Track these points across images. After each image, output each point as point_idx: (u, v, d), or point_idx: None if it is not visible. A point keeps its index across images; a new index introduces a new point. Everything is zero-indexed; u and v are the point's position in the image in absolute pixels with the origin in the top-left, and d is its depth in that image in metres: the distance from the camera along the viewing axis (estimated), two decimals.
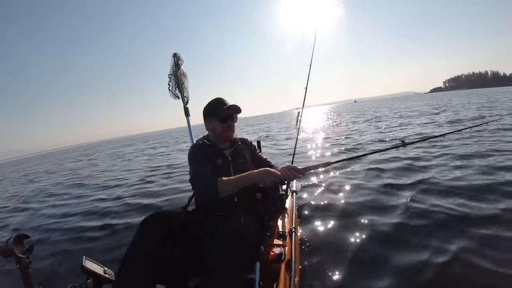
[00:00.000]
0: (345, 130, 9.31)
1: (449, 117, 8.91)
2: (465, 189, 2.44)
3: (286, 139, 9.07)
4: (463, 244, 1.64)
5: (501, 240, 1.64)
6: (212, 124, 1.41)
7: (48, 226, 3.20)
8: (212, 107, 1.41)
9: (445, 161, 3.48)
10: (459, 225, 1.86)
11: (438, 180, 2.76)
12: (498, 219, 1.88)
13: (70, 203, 4.29)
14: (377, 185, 2.85)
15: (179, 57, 2.31)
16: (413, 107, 18.00)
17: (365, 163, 3.79)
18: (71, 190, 5.49)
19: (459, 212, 2.04)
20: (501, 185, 2.41)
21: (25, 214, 4.15)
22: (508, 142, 4.10)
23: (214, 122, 1.40)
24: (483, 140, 4.46)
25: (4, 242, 1.03)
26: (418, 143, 1.31)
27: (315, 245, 1.84)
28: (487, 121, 6.31)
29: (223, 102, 1.40)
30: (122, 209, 3.33)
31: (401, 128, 7.60)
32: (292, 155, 2.67)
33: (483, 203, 2.13)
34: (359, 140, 6.37)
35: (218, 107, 1.39)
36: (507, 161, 3.10)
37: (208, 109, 1.42)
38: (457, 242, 1.67)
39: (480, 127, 5.42)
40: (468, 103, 15.17)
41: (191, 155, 1.36)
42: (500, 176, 2.64)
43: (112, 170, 7.79)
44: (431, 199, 2.34)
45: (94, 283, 1.20)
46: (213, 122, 1.40)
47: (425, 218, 2.02)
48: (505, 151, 3.56)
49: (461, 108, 11.97)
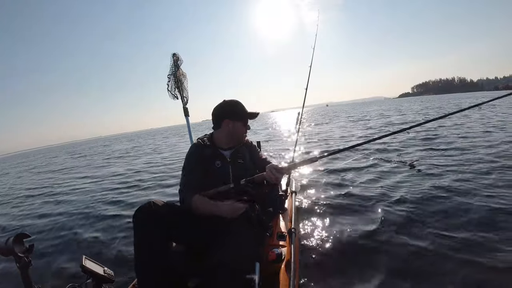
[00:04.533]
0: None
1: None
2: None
3: (266, 141, 9.02)
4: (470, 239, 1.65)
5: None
6: (235, 126, 1.42)
7: (48, 225, 3.20)
8: (238, 110, 1.43)
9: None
10: (462, 220, 1.87)
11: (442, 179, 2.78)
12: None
13: (70, 200, 4.28)
14: (377, 185, 2.86)
15: (178, 57, 2.29)
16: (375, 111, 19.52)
17: (366, 163, 3.80)
18: (71, 189, 5.48)
19: (459, 207, 2.05)
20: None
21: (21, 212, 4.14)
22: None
23: (237, 124, 1.42)
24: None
25: (3, 241, 1.03)
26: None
27: (315, 246, 1.85)
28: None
29: (244, 106, 1.45)
30: (123, 208, 3.34)
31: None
32: (292, 157, 2.69)
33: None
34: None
35: (244, 110, 1.44)
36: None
37: (231, 110, 1.42)
38: (462, 238, 1.68)
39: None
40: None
41: (186, 160, 1.40)
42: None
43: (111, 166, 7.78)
44: (434, 195, 2.35)
45: (94, 282, 1.20)
46: (237, 124, 1.42)
47: (427, 218, 2.02)
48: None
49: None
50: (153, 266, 1.04)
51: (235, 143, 1.48)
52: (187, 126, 2.37)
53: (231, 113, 1.42)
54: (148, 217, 1.07)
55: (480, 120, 7.34)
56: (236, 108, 1.43)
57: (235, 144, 1.48)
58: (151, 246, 1.05)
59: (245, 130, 1.48)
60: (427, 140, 5.20)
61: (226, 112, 1.42)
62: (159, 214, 1.09)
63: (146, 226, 1.07)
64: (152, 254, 1.05)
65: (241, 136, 1.48)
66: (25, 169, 12.99)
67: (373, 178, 3.15)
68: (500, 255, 1.51)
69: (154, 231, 1.06)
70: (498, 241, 1.64)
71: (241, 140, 1.50)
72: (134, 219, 1.09)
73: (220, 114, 1.43)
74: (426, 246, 1.68)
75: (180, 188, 1.34)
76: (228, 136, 1.44)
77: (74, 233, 2.77)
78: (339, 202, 2.55)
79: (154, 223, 1.07)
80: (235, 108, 1.43)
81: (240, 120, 1.43)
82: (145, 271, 1.05)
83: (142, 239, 1.07)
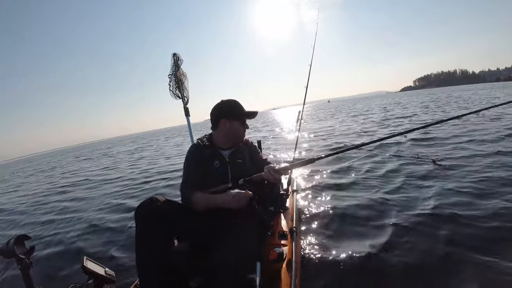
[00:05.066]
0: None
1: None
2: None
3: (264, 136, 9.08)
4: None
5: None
6: (233, 125, 1.42)
7: (48, 226, 3.21)
8: (235, 109, 1.43)
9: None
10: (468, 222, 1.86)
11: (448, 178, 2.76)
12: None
13: (70, 203, 4.29)
14: (378, 185, 2.84)
15: (178, 57, 2.30)
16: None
17: (366, 162, 3.79)
18: (71, 191, 5.50)
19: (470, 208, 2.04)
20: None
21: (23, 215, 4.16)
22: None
23: (234, 124, 1.42)
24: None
25: (5, 243, 1.03)
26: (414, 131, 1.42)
27: (316, 245, 1.84)
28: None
29: (242, 106, 1.45)
30: (124, 207, 3.35)
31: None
32: (293, 156, 2.68)
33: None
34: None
35: (242, 110, 1.44)
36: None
37: (228, 110, 1.42)
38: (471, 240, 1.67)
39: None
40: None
41: (186, 160, 1.42)
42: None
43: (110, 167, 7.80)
44: (439, 196, 2.34)
45: (95, 283, 1.20)
46: (234, 123, 1.42)
47: (429, 217, 2.00)
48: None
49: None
50: (155, 263, 1.03)
51: (233, 142, 1.47)
52: (188, 125, 2.38)
53: (228, 113, 1.42)
54: (150, 213, 1.07)
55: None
56: (233, 107, 1.43)
57: (234, 144, 1.48)
58: (153, 242, 1.05)
59: (243, 130, 1.47)
60: (426, 139, 5.18)
61: (223, 112, 1.42)
62: (161, 210, 1.09)
63: (148, 221, 1.06)
64: (154, 250, 1.05)
65: (239, 136, 1.47)
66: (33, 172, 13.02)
67: (375, 178, 3.13)
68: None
69: (156, 227, 1.06)
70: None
71: (239, 139, 1.49)
72: (136, 215, 1.09)
73: (217, 114, 1.43)
74: (433, 246, 1.66)
75: (180, 187, 1.36)
76: (225, 136, 1.44)
77: (75, 234, 2.78)
78: (341, 200, 2.54)
79: (157, 219, 1.07)
80: (232, 108, 1.43)
81: (237, 119, 1.42)
82: (147, 268, 1.04)
83: (144, 235, 1.06)
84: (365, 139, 5.95)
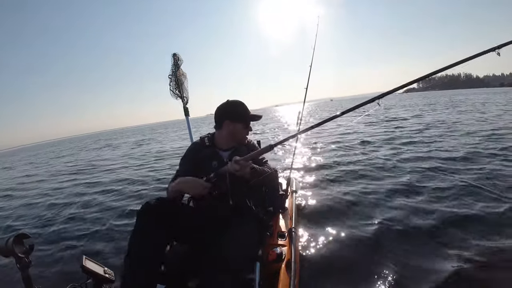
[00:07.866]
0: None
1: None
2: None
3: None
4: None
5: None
6: (236, 127, 1.41)
7: (48, 225, 3.20)
8: (239, 111, 1.42)
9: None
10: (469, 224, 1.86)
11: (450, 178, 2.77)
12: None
13: (69, 201, 4.28)
14: (378, 185, 2.85)
15: (178, 57, 2.31)
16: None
17: (366, 162, 3.79)
18: (70, 187, 5.48)
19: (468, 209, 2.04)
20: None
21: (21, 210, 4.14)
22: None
23: (238, 126, 1.41)
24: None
25: (4, 241, 1.03)
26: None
27: (315, 245, 1.84)
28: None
29: (247, 107, 1.45)
30: (124, 207, 3.33)
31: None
32: (292, 159, 2.70)
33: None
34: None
35: (246, 112, 1.43)
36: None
37: (233, 111, 1.42)
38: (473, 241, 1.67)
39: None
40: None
41: (182, 157, 1.46)
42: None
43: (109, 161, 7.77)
44: (440, 197, 2.34)
45: (94, 283, 1.20)
46: (237, 125, 1.41)
47: (430, 218, 2.01)
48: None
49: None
50: (143, 262, 1.00)
51: (234, 144, 1.47)
52: (187, 125, 2.40)
53: (232, 114, 1.41)
54: (150, 212, 1.07)
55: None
56: (238, 109, 1.42)
57: (234, 145, 1.47)
58: (146, 240, 1.03)
59: (246, 132, 1.46)
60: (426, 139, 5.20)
61: (228, 113, 1.41)
62: (162, 210, 1.08)
63: (148, 222, 1.05)
64: (144, 248, 1.01)
65: (241, 138, 1.47)
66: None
67: (375, 177, 3.14)
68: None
69: (153, 226, 1.05)
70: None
71: (241, 142, 1.49)
72: (137, 213, 1.08)
73: (221, 114, 1.42)
74: (433, 246, 1.67)
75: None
76: (228, 137, 1.43)
77: (74, 233, 2.77)
78: (340, 200, 2.54)
79: (155, 219, 1.06)
80: (237, 109, 1.42)
81: (241, 121, 1.41)
82: (132, 262, 1.00)
83: (140, 234, 1.04)
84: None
